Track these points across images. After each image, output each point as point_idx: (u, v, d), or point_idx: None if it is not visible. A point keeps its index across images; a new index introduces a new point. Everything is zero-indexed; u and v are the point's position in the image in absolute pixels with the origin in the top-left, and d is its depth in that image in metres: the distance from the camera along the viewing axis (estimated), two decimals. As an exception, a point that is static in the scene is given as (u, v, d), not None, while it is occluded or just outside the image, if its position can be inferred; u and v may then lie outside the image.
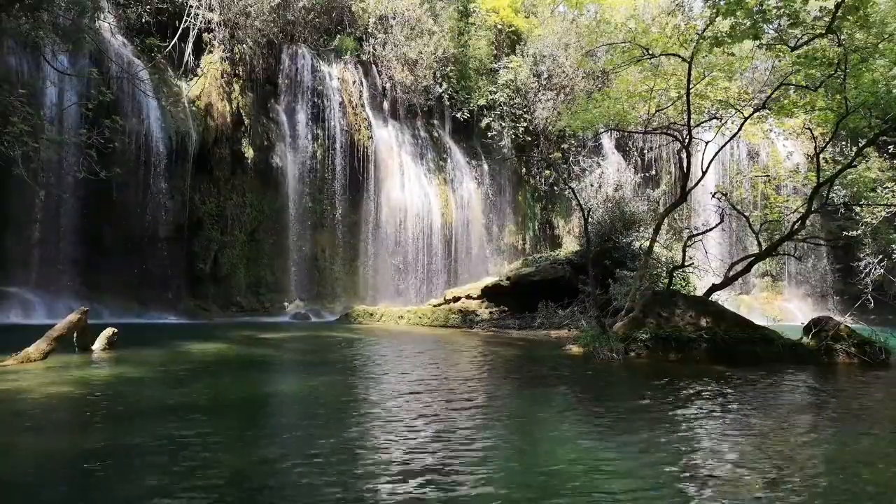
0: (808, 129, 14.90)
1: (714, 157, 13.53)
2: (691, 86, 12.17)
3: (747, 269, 13.97)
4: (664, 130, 15.87)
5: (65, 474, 3.90)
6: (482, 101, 25.94)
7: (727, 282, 12.76)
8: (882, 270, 21.41)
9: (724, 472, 4.12)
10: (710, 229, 14.52)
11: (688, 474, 4.04)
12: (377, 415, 5.63)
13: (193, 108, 19.45)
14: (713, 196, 15.46)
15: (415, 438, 4.73)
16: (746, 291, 27.24)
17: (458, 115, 25.70)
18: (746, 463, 4.30)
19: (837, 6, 10.21)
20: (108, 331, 9.41)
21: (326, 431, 4.94)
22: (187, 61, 19.96)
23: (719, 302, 12.25)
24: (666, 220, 15.31)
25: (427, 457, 4.23)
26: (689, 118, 12.51)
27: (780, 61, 13.33)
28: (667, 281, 13.75)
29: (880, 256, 21.09)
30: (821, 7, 11.38)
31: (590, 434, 5.04)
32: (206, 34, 20.27)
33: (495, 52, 27.13)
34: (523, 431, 5.18)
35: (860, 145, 12.38)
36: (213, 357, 9.51)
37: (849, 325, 11.06)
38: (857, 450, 4.76)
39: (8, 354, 7.78)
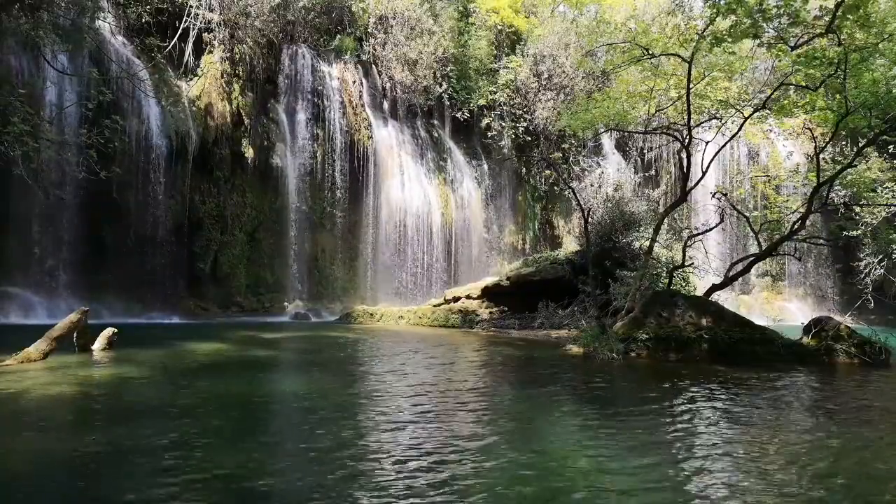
0: (808, 129, 14.91)
1: (714, 157, 13.54)
2: (691, 86, 12.16)
3: (747, 269, 13.98)
4: (664, 130, 15.87)
5: (64, 474, 3.90)
6: (482, 101, 25.93)
7: (727, 282, 12.76)
8: (882, 270, 21.39)
9: (725, 472, 4.12)
10: (710, 229, 14.52)
11: (688, 475, 4.04)
12: (376, 415, 5.63)
13: (193, 108, 19.45)
14: (713, 196, 15.46)
15: (414, 439, 4.73)
16: (746, 291, 27.23)
17: (458, 115, 25.70)
18: (748, 463, 4.30)
19: (837, 6, 10.21)
20: (108, 331, 9.41)
21: (325, 432, 4.94)
22: (187, 61, 19.96)
23: (719, 302, 12.25)
24: (666, 220, 15.31)
25: (426, 458, 4.23)
26: (689, 118, 12.51)
27: (780, 61, 13.32)
28: (667, 281, 13.75)
29: (880, 256, 21.07)
30: (821, 6, 11.40)
31: (590, 434, 5.04)
32: (206, 34, 20.27)
33: (495, 52, 27.12)
34: (523, 432, 5.18)
35: (860, 145, 12.38)
36: (212, 357, 9.50)
37: (849, 325, 11.06)
38: (858, 450, 4.76)
39: (8, 354, 7.78)
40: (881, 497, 3.79)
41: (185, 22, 19.52)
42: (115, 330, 9.51)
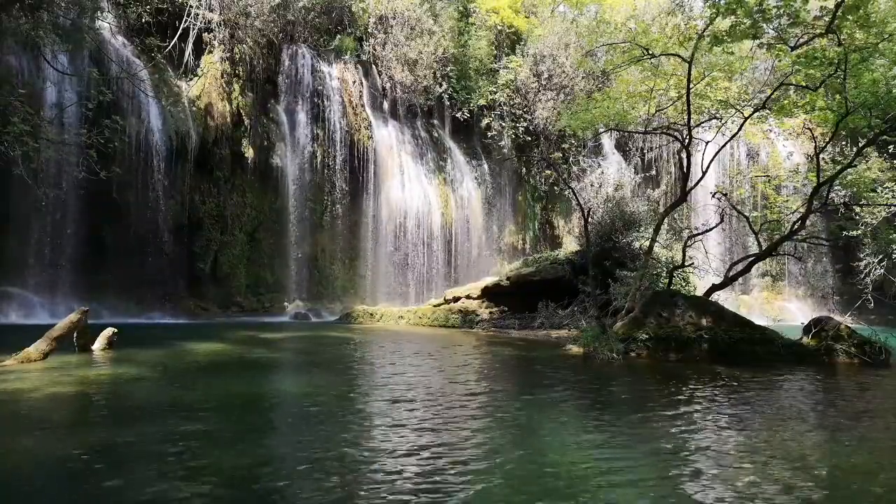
0: (808, 129, 14.90)
1: (714, 157, 13.53)
2: (691, 86, 12.16)
3: (747, 269, 13.97)
4: (664, 130, 15.86)
5: (64, 474, 3.90)
6: (482, 101, 25.94)
7: (727, 282, 12.76)
8: (882, 270, 21.39)
9: (726, 472, 4.11)
10: (710, 229, 14.52)
11: (689, 475, 4.04)
12: (376, 416, 5.63)
13: (193, 108, 19.46)
14: (713, 196, 15.46)
15: (414, 440, 4.73)
16: (746, 291, 27.24)
17: (458, 115, 25.71)
18: (748, 463, 4.30)
19: (837, 6, 10.21)
20: (108, 331, 9.41)
21: (325, 432, 4.94)
22: (187, 61, 19.97)
23: (719, 302, 12.25)
24: (666, 220, 15.30)
25: (426, 458, 4.23)
26: (689, 118, 12.50)
27: (780, 61, 13.32)
28: (667, 281, 13.75)
29: (880, 256, 21.07)
30: (821, 7, 11.39)
31: (590, 435, 5.04)
32: (206, 34, 20.28)
33: (495, 52, 27.13)
34: (523, 433, 5.18)
35: (860, 145, 12.37)
36: (212, 357, 9.50)
37: (849, 325, 11.06)
38: (857, 450, 4.76)
39: (8, 354, 7.78)
40: (881, 497, 3.79)
41: (185, 22, 19.52)
42: (115, 330, 9.51)
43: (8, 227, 15.88)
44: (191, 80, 20.01)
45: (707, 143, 13.77)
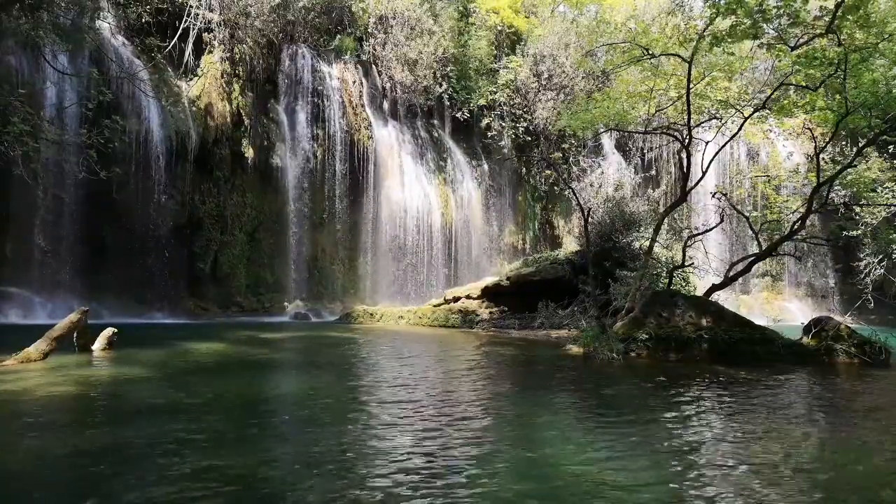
0: (808, 129, 14.91)
1: (714, 157, 13.53)
2: (691, 86, 12.16)
3: (747, 269, 13.97)
4: (664, 130, 15.86)
5: (64, 474, 3.90)
6: (482, 101, 25.94)
7: (727, 282, 12.76)
8: (882, 270, 21.40)
9: (726, 472, 4.11)
10: (710, 229, 14.53)
11: (689, 475, 4.04)
12: (376, 416, 5.63)
13: (193, 108, 19.45)
14: (713, 196, 15.47)
15: (414, 441, 4.73)
16: (746, 291, 27.23)
17: (458, 115, 25.70)
18: (748, 463, 4.30)
19: (837, 6, 10.21)
20: (108, 331, 9.40)
21: (326, 433, 4.94)
22: (187, 61, 19.96)
23: (719, 302, 12.25)
24: (666, 220, 15.30)
25: (426, 459, 4.23)
26: (689, 118, 12.51)
27: (780, 61, 13.31)
28: (667, 281, 13.75)
29: (880, 256, 21.08)
30: (821, 7, 11.39)
31: (590, 435, 5.04)
32: (206, 34, 20.27)
33: (495, 52, 27.13)
34: (524, 434, 5.18)
35: (860, 145, 12.37)
36: (213, 357, 9.50)
37: (849, 325, 11.06)
38: (857, 450, 4.76)
39: (8, 354, 7.78)
40: (881, 497, 3.79)
41: (185, 22, 19.52)
42: (115, 330, 9.50)
43: (8, 227, 15.88)
44: (191, 80, 20.01)
45: (707, 143, 13.78)
